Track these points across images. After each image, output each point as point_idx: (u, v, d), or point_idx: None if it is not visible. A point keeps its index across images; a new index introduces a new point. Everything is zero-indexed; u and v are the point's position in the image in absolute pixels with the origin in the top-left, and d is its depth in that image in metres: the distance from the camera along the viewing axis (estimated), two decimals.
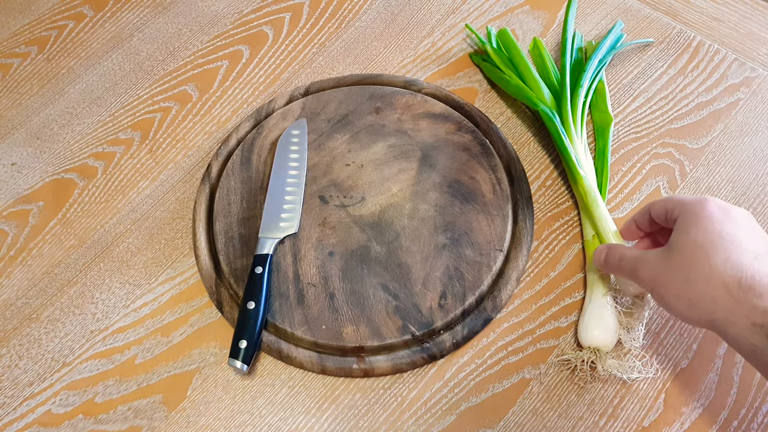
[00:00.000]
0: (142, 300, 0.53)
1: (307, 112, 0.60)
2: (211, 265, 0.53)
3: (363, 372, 0.48)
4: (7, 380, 0.50)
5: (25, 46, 0.68)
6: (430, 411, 0.48)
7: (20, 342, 0.51)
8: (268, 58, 0.66)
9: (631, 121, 0.61)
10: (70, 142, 0.62)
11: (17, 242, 0.56)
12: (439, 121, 0.59)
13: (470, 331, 0.50)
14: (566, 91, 0.58)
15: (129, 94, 0.64)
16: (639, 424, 0.47)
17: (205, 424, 0.48)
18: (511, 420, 0.47)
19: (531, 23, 0.67)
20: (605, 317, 0.48)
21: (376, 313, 0.50)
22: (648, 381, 0.48)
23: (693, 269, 0.39)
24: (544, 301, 0.52)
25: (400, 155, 0.57)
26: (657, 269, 0.41)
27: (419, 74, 0.64)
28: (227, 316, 0.51)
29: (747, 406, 0.47)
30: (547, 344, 0.50)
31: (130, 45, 0.68)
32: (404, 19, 0.68)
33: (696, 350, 0.49)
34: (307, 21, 0.69)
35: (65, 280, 0.54)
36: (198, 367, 0.50)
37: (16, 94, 0.65)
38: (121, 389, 0.49)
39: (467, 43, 0.66)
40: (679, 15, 0.68)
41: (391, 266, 0.52)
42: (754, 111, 0.61)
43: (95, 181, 0.59)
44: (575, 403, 0.48)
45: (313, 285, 0.51)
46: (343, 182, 0.56)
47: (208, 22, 0.69)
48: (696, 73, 0.63)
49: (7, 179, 0.60)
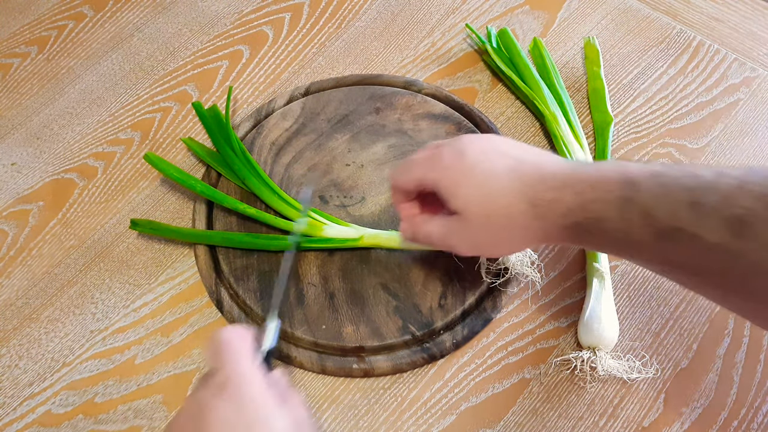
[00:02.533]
0: (142, 300, 0.53)
1: (307, 112, 0.60)
2: (210, 265, 0.53)
3: (363, 372, 0.48)
4: (7, 380, 0.50)
5: (25, 46, 0.68)
6: (430, 411, 0.48)
7: (20, 342, 0.51)
8: (268, 58, 0.66)
9: (631, 121, 0.61)
10: (70, 142, 0.61)
11: (17, 242, 0.56)
12: (440, 121, 0.59)
13: (470, 331, 0.50)
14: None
15: (129, 94, 0.64)
16: (639, 424, 0.47)
17: None
18: (511, 420, 0.47)
19: (531, 23, 0.67)
20: (605, 317, 0.48)
21: (376, 313, 0.50)
22: (648, 381, 0.48)
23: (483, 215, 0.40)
24: (544, 301, 0.52)
25: (401, 155, 0.57)
26: (462, 232, 0.42)
27: (419, 74, 0.64)
28: (227, 316, 0.51)
29: (747, 406, 0.47)
30: (547, 344, 0.50)
31: (130, 45, 0.68)
32: (404, 19, 0.68)
33: (696, 350, 0.49)
34: (307, 21, 0.69)
35: (65, 280, 0.54)
36: (198, 367, 0.50)
37: (16, 94, 0.65)
38: (121, 389, 0.49)
39: (467, 43, 0.66)
40: (679, 15, 0.68)
41: (391, 266, 0.52)
42: (754, 111, 0.61)
43: (95, 181, 0.59)
44: (575, 403, 0.48)
45: (313, 285, 0.51)
46: (343, 182, 0.56)
47: (208, 22, 0.69)
48: (696, 73, 0.63)
49: (7, 179, 0.60)
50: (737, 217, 0.32)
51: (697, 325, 0.50)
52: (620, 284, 0.52)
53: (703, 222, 0.33)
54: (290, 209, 0.53)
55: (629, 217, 0.36)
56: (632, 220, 0.36)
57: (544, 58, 0.62)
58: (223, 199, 0.54)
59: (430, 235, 0.44)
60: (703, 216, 0.33)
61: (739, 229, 0.32)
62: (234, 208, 0.53)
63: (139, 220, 0.54)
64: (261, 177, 0.54)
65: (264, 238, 0.52)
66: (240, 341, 0.38)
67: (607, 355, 0.47)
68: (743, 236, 0.32)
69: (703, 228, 0.33)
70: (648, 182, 0.35)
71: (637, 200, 0.35)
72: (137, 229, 0.54)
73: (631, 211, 0.36)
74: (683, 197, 0.34)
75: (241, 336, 0.38)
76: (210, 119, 0.57)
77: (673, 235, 0.34)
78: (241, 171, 0.54)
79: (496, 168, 0.40)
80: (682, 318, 0.51)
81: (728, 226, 0.32)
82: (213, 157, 0.57)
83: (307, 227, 0.52)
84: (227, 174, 0.56)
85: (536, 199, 0.39)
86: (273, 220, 0.53)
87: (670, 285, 0.52)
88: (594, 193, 0.37)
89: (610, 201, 0.36)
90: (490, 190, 0.40)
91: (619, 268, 0.53)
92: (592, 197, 0.37)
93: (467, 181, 0.41)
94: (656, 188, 0.35)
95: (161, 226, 0.54)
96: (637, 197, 0.35)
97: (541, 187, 0.39)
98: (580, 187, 0.38)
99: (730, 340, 0.50)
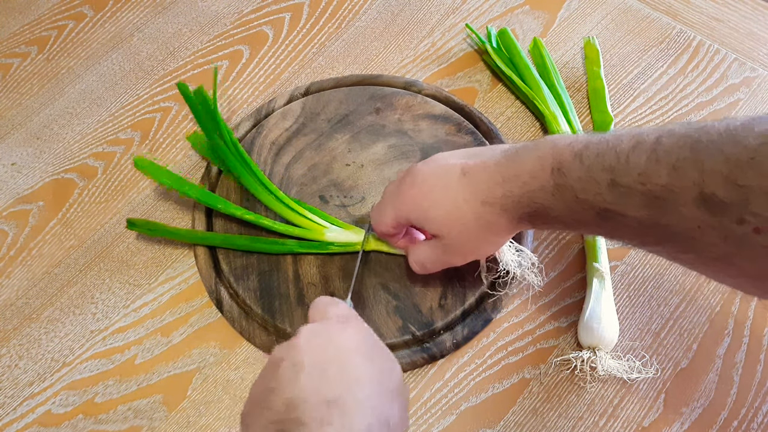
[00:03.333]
0: (142, 300, 0.53)
1: (307, 112, 0.60)
2: (210, 264, 0.53)
3: None
4: (7, 380, 0.50)
5: (25, 46, 0.68)
6: (430, 411, 0.48)
7: (20, 342, 0.51)
8: (268, 58, 0.66)
9: (631, 121, 0.61)
10: (70, 142, 0.61)
11: (17, 242, 0.56)
12: (440, 122, 0.59)
13: (470, 331, 0.50)
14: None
15: (129, 94, 0.64)
16: (639, 424, 0.47)
17: (205, 424, 0.48)
18: (511, 420, 0.47)
19: (531, 23, 0.67)
20: (605, 317, 0.48)
21: (376, 313, 0.50)
22: (648, 381, 0.48)
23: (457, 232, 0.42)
24: (544, 301, 0.52)
25: (401, 155, 0.57)
26: (449, 251, 0.44)
27: (419, 74, 0.64)
28: (227, 315, 0.51)
29: (747, 406, 0.47)
30: (547, 344, 0.50)
31: (130, 45, 0.68)
32: (404, 19, 0.68)
33: (696, 350, 0.49)
34: (307, 21, 0.69)
35: (65, 280, 0.54)
36: (198, 367, 0.50)
37: (16, 94, 0.65)
38: (121, 389, 0.49)
39: (467, 43, 0.66)
40: (679, 15, 0.68)
41: (391, 266, 0.52)
42: (754, 111, 0.61)
43: (95, 181, 0.59)
44: (575, 403, 0.48)
45: (313, 285, 0.51)
46: (343, 182, 0.56)
47: (208, 22, 0.69)
48: (696, 73, 0.63)
49: (7, 179, 0.60)
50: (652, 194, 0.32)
51: (697, 325, 0.50)
52: (620, 284, 0.52)
53: (625, 201, 0.34)
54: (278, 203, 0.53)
55: (567, 202, 0.37)
56: (570, 204, 0.36)
57: (544, 58, 0.62)
58: (216, 202, 0.53)
59: (424, 265, 0.47)
60: (624, 196, 0.34)
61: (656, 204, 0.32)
62: (231, 214, 0.53)
63: (136, 220, 0.54)
64: (248, 165, 0.54)
65: (263, 242, 0.52)
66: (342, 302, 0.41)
67: (607, 355, 0.47)
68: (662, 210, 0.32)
69: (627, 207, 0.34)
70: (573, 165, 0.36)
71: (566, 186, 0.36)
72: (134, 229, 0.54)
73: (566, 196, 0.36)
74: (603, 178, 0.34)
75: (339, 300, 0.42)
76: (196, 101, 0.55)
77: (607, 215, 0.35)
78: (234, 166, 0.54)
79: (447, 182, 0.42)
80: (682, 318, 0.51)
81: (646, 204, 0.33)
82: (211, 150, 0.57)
83: (308, 231, 0.52)
84: (224, 169, 0.56)
85: (490, 197, 0.40)
86: (271, 224, 0.53)
87: (670, 285, 0.52)
88: (535, 182, 0.38)
89: (548, 189, 0.37)
90: (451, 206, 0.42)
91: (619, 268, 0.53)
92: (534, 187, 0.38)
93: (429, 204, 0.42)
94: (581, 171, 0.35)
95: (158, 226, 0.54)
96: (566, 183, 0.36)
97: (490, 183, 0.40)
98: (523, 177, 0.38)
99: (730, 340, 0.50)
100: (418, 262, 0.47)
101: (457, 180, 0.41)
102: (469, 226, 0.42)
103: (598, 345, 0.47)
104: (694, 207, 0.31)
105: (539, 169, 0.38)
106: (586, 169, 0.35)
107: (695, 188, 0.31)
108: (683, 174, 0.31)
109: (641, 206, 0.33)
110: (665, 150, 0.32)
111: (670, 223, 0.33)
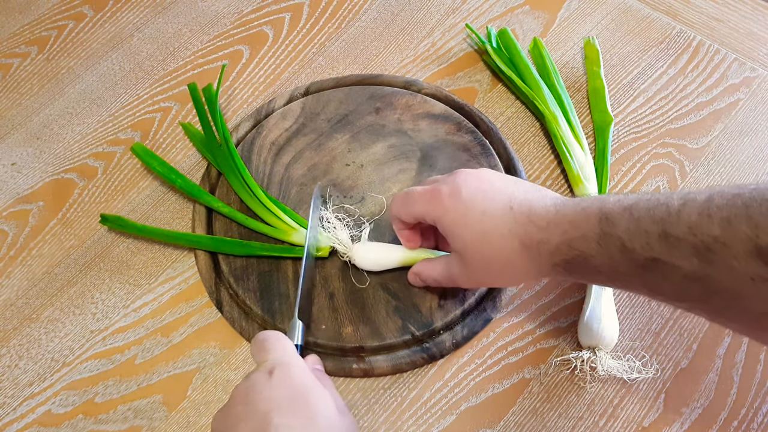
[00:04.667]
0: (142, 300, 0.53)
1: (307, 112, 0.60)
2: (210, 264, 0.53)
3: (363, 372, 0.48)
4: (7, 380, 0.50)
5: (25, 46, 0.68)
6: (430, 411, 0.48)
7: (20, 342, 0.51)
8: (268, 58, 0.66)
9: (631, 121, 0.61)
10: (70, 142, 0.62)
11: (17, 242, 0.56)
12: (439, 121, 0.59)
13: (470, 331, 0.50)
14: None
15: (129, 94, 0.64)
16: (639, 424, 0.47)
17: (205, 424, 0.48)
18: (511, 420, 0.47)
19: (531, 23, 0.67)
20: (605, 317, 0.48)
21: (376, 313, 0.50)
22: (648, 381, 0.48)
23: (481, 258, 0.43)
24: (544, 301, 0.52)
25: (400, 155, 0.57)
26: (464, 272, 0.45)
27: (419, 74, 0.64)
28: (227, 315, 0.51)
29: (747, 406, 0.47)
30: (547, 344, 0.50)
31: (130, 45, 0.68)
32: (404, 19, 0.68)
33: (696, 350, 0.49)
34: (307, 21, 0.69)
35: (65, 280, 0.54)
36: (198, 367, 0.50)
37: (16, 94, 0.65)
38: (121, 389, 0.49)
39: (467, 43, 0.66)
40: (679, 15, 0.68)
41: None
42: (754, 111, 0.61)
43: (95, 181, 0.59)
44: (575, 403, 0.48)
45: (313, 285, 0.51)
46: (343, 182, 0.56)
47: (208, 22, 0.69)
48: (696, 73, 0.63)
49: (7, 179, 0.60)
50: (704, 245, 0.33)
51: (697, 325, 0.50)
52: None
53: (674, 252, 0.34)
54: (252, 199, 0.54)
55: (610, 252, 0.37)
56: (613, 254, 0.37)
57: (544, 58, 0.62)
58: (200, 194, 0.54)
59: (436, 279, 0.47)
60: (673, 246, 0.34)
61: (706, 256, 0.33)
62: (208, 205, 0.54)
63: (109, 216, 0.55)
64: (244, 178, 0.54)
65: (260, 248, 0.52)
66: (279, 336, 0.42)
67: (607, 355, 0.47)
68: (711, 263, 0.33)
69: (676, 257, 0.34)
70: (622, 217, 0.37)
71: (614, 235, 0.37)
72: (107, 224, 0.55)
73: (611, 246, 0.37)
74: (654, 229, 0.35)
75: (278, 334, 0.42)
76: (204, 95, 0.56)
77: (652, 266, 0.36)
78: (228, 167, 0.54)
79: (491, 208, 0.42)
80: (682, 318, 0.51)
81: (697, 254, 0.33)
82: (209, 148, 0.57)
83: (277, 231, 0.52)
84: (215, 164, 0.56)
85: (527, 240, 0.41)
86: (266, 229, 0.53)
87: None
88: (576, 232, 0.39)
89: (591, 238, 0.38)
90: (486, 232, 0.42)
91: None
92: (575, 236, 0.39)
93: (465, 221, 0.42)
94: (630, 222, 0.36)
95: (128, 222, 0.54)
96: (613, 232, 0.37)
97: (531, 228, 0.40)
98: (564, 226, 0.39)
99: (730, 340, 0.50)
100: (429, 277, 0.48)
101: (501, 210, 0.42)
102: (499, 261, 0.42)
103: (598, 345, 0.47)
104: (749, 259, 0.31)
105: (583, 220, 0.38)
106: (635, 221, 0.36)
107: (750, 242, 0.31)
108: (737, 228, 0.32)
109: (691, 256, 0.34)
110: (717, 206, 0.33)
111: (719, 277, 0.33)
